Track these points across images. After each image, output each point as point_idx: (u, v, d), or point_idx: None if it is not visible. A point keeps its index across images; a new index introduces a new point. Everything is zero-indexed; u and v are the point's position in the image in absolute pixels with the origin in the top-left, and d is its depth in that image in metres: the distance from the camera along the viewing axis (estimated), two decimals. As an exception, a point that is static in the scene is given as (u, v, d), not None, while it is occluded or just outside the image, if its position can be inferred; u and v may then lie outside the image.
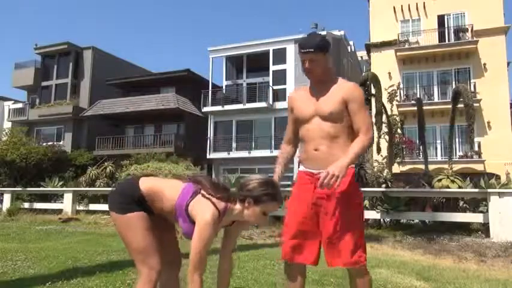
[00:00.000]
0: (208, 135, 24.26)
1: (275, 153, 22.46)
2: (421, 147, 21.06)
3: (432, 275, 4.59)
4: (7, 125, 29.34)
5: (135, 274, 4.54)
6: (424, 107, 19.77)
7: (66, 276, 4.38)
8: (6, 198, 13.20)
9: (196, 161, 18.08)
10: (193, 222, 2.11)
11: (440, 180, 8.40)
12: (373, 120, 9.30)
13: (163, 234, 2.42)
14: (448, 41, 21.21)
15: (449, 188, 8.18)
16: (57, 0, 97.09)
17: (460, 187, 8.21)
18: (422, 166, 19.78)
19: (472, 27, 20.70)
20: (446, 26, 21.58)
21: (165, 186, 2.29)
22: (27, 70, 30.16)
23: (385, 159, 12.04)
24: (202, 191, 2.17)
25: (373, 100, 11.31)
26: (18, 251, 6.29)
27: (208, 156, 23.69)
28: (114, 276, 4.44)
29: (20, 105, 30.25)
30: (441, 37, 21.52)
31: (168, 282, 2.48)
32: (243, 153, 23.24)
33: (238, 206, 2.18)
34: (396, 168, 15.59)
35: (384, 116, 9.91)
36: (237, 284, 4.14)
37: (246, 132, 23.76)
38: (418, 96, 21.58)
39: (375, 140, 12.92)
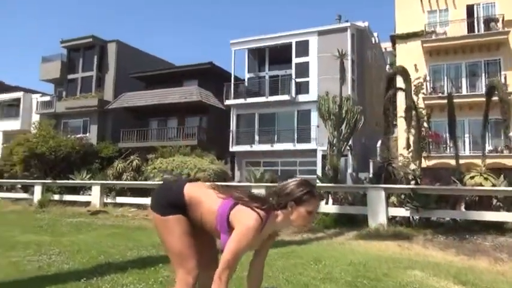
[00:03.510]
0: (231, 128, 24.27)
1: (298, 146, 22.45)
2: (448, 141, 20.78)
3: (470, 279, 4.46)
4: (35, 117, 30.08)
5: (167, 271, 4.61)
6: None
7: (99, 273, 4.45)
8: (37, 190, 13.56)
9: (219, 154, 18.17)
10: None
11: (472, 177, 8.14)
12: (403, 115, 9.10)
13: (202, 235, 2.41)
14: (478, 31, 20.45)
15: (482, 185, 7.92)
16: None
17: (493, 185, 7.94)
18: (449, 161, 19.42)
19: (503, 17, 19.92)
20: (475, 16, 20.80)
21: (206, 198, 2.27)
22: (54, 63, 30.77)
23: (411, 154, 11.75)
24: (243, 203, 2.16)
25: (399, 95, 10.99)
26: (51, 244, 6.45)
27: (230, 149, 23.73)
28: (147, 274, 4.49)
29: (47, 98, 30.93)
30: (470, 28, 20.78)
31: (206, 282, 2.48)
32: (266, 146, 23.16)
33: (280, 213, 2.17)
34: (422, 163, 15.26)
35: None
36: (268, 284, 4.12)
37: (269, 125, 23.66)
38: (446, 88, 21.05)
39: (404, 135, 12.62)
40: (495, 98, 9.86)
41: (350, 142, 14.20)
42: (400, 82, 11.89)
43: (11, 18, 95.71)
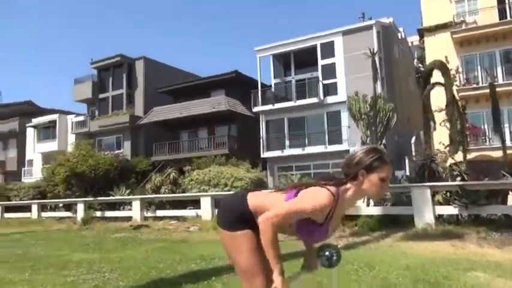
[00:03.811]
0: (261, 135, 24.24)
1: (329, 148, 22.19)
2: (488, 133, 20.02)
3: (539, 279, 4.22)
4: (71, 137, 31.10)
5: (221, 284, 4.60)
6: (486, 90, 18.55)
7: (155, 289, 4.49)
8: (80, 208, 13.96)
9: (250, 161, 18.16)
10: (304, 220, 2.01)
11: (524, 170, 7.77)
12: (445, 110, 8.80)
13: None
14: (510, 17, 19.71)
15: (535, 178, 7.56)
16: (108, 16, 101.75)
17: (548, 176, 7.56)
18: (489, 153, 18.69)
19: (537, 0, 19.13)
20: (506, 1, 20.05)
21: (269, 200, 2.22)
22: (86, 84, 31.77)
23: (448, 149, 11.34)
24: (307, 185, 2.08)
25: (436, 89, 10.63)
26: (101, 261, 6.58)
27: (262, 156, 23.68)
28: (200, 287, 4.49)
29: (81, 118, 31.94)
30: (501, 14, 20.04)
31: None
32: (297, 151, 22.98)
33: (350, 186, 2.05)
34: (460, 156, 14.72)
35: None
36: (327, 294, 4.03)
37: (299, 129, 23.49)
38: (480, 79, 20.34)
39: (440, 130, 12.22)
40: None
41: (383, 141, 13.90)
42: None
43: (39, 44, 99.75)
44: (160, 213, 12.39)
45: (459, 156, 11.49)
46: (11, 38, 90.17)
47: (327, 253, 2.33)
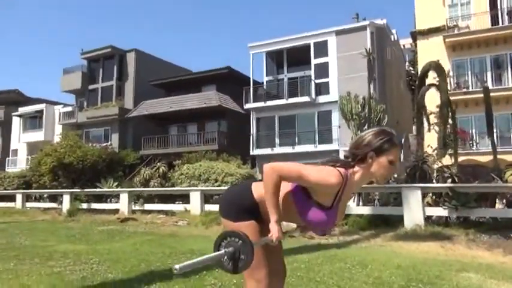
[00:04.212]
0: (251, 132, 24.20)
1: (319, 148, 22.23)
2: (475, 137, 20.28)
3: (531, 281, 4.24)
4: (58, 128, 30.62)
5: (213, 279, 4.52)
6: (476, 95, 18.84)
7: (145, 282, 4.40)
8: (66, 199, 13.73)
9: (240, 158, 18.08)
10: (315, 203, 1.97)
11: (514, 174, 7.85)
12: (434, 114, 8.84)
13: (270, 247, 2.31)
14: (502, 23, 19.95)
15: (525, 182, 7.64)
16: (98, 7, 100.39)
17: (537, 181, 7.65)
18: (476, 157, 18.94)
19: (529, 8, 19.40)
20: (499, 7, 20.30)
21: None
22: (75, 75, 31.29)
23: (435, 151, 11.41)
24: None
25: (427, 91, 10.65)
26: (88, 253, 6.45)
27: (251, 153, 23.62)
28: (192, 282, 4.41)
29: (69, 109, 31.47)
30: (494, 20, 20.28)
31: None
32: (287, 149, 22.99)
33: (358, 169, 2.00)
34: (448, 160, 14.84)
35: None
36: (320, 290, 3.99)
37: (289, 128, 23.48)
38: (470, 83, 20.57)
39: (435, 135, 12.28)
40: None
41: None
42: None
43: (29, 32, 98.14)
44: (148, 206, 12.24)
45: (446, 160, 11.59)
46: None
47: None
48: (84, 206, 13.53)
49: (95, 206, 13.49)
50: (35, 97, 36.07)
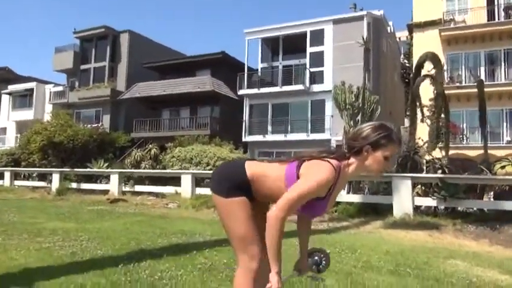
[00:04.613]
0: (244, 118, 24.14)
1: (311, 136, 22.28)
2: (466, 132, 20.48)
3: (516, 269, 4.32)
4: (48, 107, 30.23)
5: (203, 258, 4.54)
6: (468, 90, 18.97)
7: (135, 259, 4.39)
8: (55, 178, 13.61)
9: (232, 143, 18.05)
10: None
11: (503, 166, 7.95)
12: (434, 103, 8.88)
13: (262, 223, 2.31)
14: (498, 19, 20.01)
15: (514, 175, 7.74)
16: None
17: (526, 174, 7.76)
18: (466, 151, 19.15)
19: (525, 5, 19.45)
20: (496, 3, 20.32)
21: (269, 169, 2.15)
22: (67, 54, 30.76)
23: (426, 144, 11.50)
24: (309, 158, 2.01)
25: (423, 83, 10.68)
26: (78, 230, 6.43)
27: (243, 139, 23.59)
28: (183, 260, 4.42)
29: (60, 88, 31.03)
30: (490, 15, 20.32)
31: (266, 272, 2.38)
32: (279, 137, 23.01)
33: (353, 160, 1.99)
34: (438, 153, 15.01)
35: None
36: (310, 273, 4.02)
37: (282, 115, 23.46)
38: (464, 78, 20.68)
39: (421, 124, 12.38)
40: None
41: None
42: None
43: (22, 10, 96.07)
44: (138, 188, 12.20)
45: (437, 153, 11.68)
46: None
47: (315, 258, 2.28)
48: (74, 185, 13.44)
49: (85, 186, 13.40)
50: (26, 75, 35.50)
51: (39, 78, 34.44)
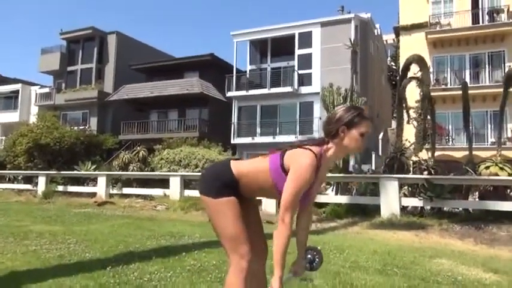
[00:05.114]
0: (233, 120, 24.15)
1: (300, 138, 22.32)
2: (451, 133, 20.80)
3: (499, 267, 4.41)
4: (34, 109, 29.81)
5: (193, 260, 4.54)
6: (454, 92, 19.27)
7: (124, 261, 4.37)
8: (41, 181, 13.43)
9: (221, 145, 18.03)
10: None
11: (488, 167, 8.10)
12: (420, 105, 9.01)
13: (252, 224, 2.34)
14: (482, 23, 20.39)
15: (498, 175, 7.89)
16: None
17: (510, 174, 7.90)
18: (451, 153, 19.45)
19: (508, 8, 19.83)
20: (480, 7, 20.71)
21: (253, 164, 2.21)
22: (53, 55, 30.40)
23: (413, 146, 11.65)
24: (290, 147, 2.12)
25: (410, 84, 10.83)
26: (65, 233, 6.36)
27: (232, 141, 23.59)
28: (172, 262, 4.42)
29: (46, 90, 30.60)
30: (475, 19, 20.70)
31: (257, 272, 2.40)
32: (268, 139, 23.04)
33: (331, 144, 2.12)
34: (424, 155, 15.23)
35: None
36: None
37: (271, 117, 23.51)
38: (449, 80, 21.01)
39: (407, 126, 12.54)
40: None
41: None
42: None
43: (8, 10, 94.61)
44: (126, 190, 12.10)
45: (423, 155, 11.85)
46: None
47: (308, 256, 2.34)
48: (60, 188, 13.28)
49: (72, 188, 13.26)
50: (12, 77, 34.98)
51: (24, 80, 33.99)
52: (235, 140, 23.79)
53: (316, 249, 2.39)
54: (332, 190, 10.39)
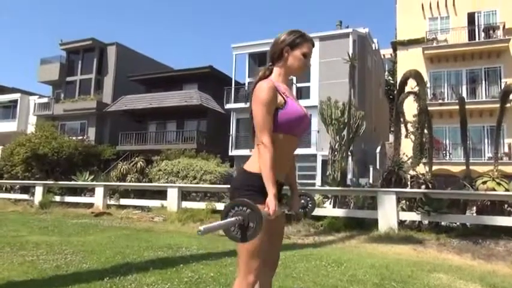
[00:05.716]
0: (231, 133, 24.20)
1: (297, 151, 22.02)
2: (448, 148, 20.89)
3: (497, 282, 4.42)
4: (32, 119, 29.81)
5: (190, 272, 4.53)
6: (451, 107, 19.44)
7: (121, 272, 4.36)
8: (38, 191, 13.37)
9: (219, 157, 18.02)
10: None
11: (485, 182, 8.14)
12: (417, 119, 9.09)
13: (273, 236, 2.29)
14: (478, 39, 20.67)
15: (495, 190, 7.92)
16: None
17: (506, 190, 7.94)
18: (448, 167, 19.53)
19: (504, 25, 20.13)
20: (476, 23, 21.01)
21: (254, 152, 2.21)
22: (53, 65, 30.54)
23: (410, 160, 11.69)
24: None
25: (406, 99, 10.93)
26: (62, 244, 6.33)
27: (230, 153, 23.59)
28: (169, 274, 4.40)
29: (45, 100, 30.65)
30: (471, 35, 20.99)
31: (263, 283, 2.38)
32: (266, 151, 23.07)
33: (278, 68, 2.23)
34: (422, 169, 15.26)
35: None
36: (297, 286, 4.06)
37: (269, 130, 23.56)
38: (446, 95, 21.19)
39: (410, 144, 12.59)
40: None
41: (351, 147, 14.17)
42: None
43: (8, 20, 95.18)
44: (124, 201, 12.05)
45: (420, 169, 11.89)
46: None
47: (302, 201, 2.47)
48: (57, 198, 13.21)
49: (69, 199, 13.19)
50: (10, 86, 35.06)
51: (23, 90, 34.05)
52: (233, 152, 23.79)
53: (309, 195, 2.52)
54: (330, 203, 10.38)
